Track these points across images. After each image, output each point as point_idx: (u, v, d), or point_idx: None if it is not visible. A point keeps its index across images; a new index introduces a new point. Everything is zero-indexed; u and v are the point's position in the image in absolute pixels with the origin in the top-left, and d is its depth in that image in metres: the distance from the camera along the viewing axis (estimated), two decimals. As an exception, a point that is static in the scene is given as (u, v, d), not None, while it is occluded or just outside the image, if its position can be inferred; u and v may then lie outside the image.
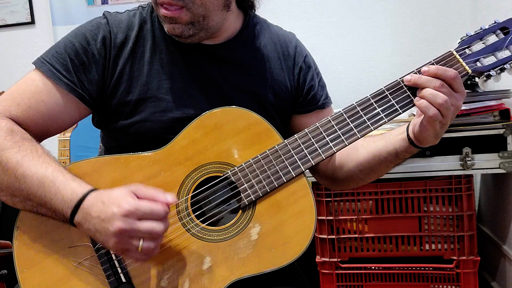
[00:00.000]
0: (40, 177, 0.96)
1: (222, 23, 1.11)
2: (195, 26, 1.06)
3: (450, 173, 1.84)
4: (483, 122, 1.81)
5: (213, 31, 1.10)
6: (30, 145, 1.00)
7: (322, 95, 1.24)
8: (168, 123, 1.09)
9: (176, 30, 1.06)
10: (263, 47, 1.19)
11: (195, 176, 1.03)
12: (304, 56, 1.22)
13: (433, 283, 1.92)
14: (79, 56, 1.07)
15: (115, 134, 1.15)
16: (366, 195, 1.93)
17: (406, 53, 2.44)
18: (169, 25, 1.06)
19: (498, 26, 1.03)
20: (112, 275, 0.99)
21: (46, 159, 0.98)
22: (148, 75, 1.10)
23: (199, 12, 1.04)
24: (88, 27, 1.10)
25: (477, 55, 1.01)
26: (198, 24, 1.06)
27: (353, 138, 1.02)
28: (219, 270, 1.00)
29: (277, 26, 1.27)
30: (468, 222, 1.85)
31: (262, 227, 1.01)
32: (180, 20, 1.04)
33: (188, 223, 1.01)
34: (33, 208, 0.98)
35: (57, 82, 1.05)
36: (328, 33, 2.51)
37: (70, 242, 1.00)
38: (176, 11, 1.03)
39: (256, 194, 1.01)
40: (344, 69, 2.51)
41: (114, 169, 1.03)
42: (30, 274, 1.00)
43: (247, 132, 1.04)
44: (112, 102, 1.10)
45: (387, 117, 1.01)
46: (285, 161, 1.02)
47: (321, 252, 1.98)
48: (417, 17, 2.44)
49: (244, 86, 1.15)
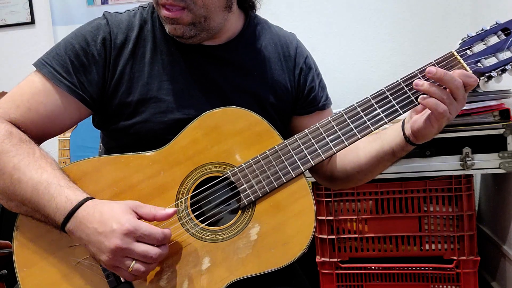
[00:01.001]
0: (35, 183, 0.95)
1: (223, 24, 1.11)
2: (197, 27, 1.06)
3: (450, 173, 1.84)
4: (483, 122, 1.81)
5: (215, 32, 1.10)
6: (28, 148, 1.00)
7: (322, 96, 1.24)
8: (169, 124, 1.09)
9: (178, 31, 1.06)
10: (264, 48, 1.19)
11: (195, 176, 1.03)
12: (305, 57, 1.22)
13: (433, 283, 1.92)
14: (79, 57, 1.07)
15: (115, 135, 1.15)
16: (366, 195, 1.93)
17: (406, 53, 2.44)
18: (170, 26, 1.06)
19: (499, 27, 1.02)
20: (111, 275, 0.98)
21: (42, 164, 0.98)
22: (149, 76, 1.10)
23: (200, 13, 1.04)
24: (88, 29, 1.10)
25: (478, 56, 1.01)
26: (200, 25, 1.06)
27: (353, 138, 1.02)
28: (218, 270, 0.99)
29: (278, 26, 1.27)
30: (468, 222, 1.85)
31: (261, 227, 1.01)
32: (181, 21, 1.04)
33: (188, 223, 1.01)
34: (28, 213, 0.99)
35: (58, 84, 1.05)
36: (328, 33, 2.51)
37: (69, 242, 0.99)
38: (178, 12, 1.03)
39: (255, 194, 1.01)
40: (344, 69, 2.51)
41: (115, 169, 1.03)
42: (30, 273, 1.00)
43: (247, 132, 1.04)
44: (113, 103, 1.10)
45: (387, 118, 1.01)
46: (285, 162, 1.02)
47: (321, 252, 1.98)
48: (417, 17, 2.44)
49: (245, 87, 1.15)
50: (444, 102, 0.95)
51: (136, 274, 0.91)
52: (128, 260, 0.90)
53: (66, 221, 0.94)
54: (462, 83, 0.95)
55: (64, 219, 0.93)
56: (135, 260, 0.91)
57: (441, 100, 0.95)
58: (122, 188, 1.02)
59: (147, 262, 0.92)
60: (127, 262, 0.90)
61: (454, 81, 0.95)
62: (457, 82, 0.95)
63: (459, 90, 0.95)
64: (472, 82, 0.96)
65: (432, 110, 0.96)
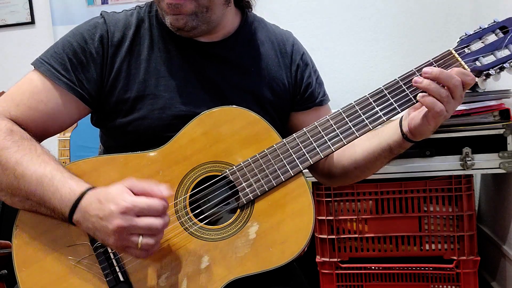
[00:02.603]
0: (39, 176, 0.96)
1: (221, 18, 1.11)
2: (198, 17, 1.06)
3: (450, 173, 1.84)
4: (483, 122, 1.81)
5: (214, 25, 1.10)
6: (30, 144, 1.00)
7: (320, 92, 1.24)
8: (167, 121, 1.09)
9: (180, 22, 1.05)
10: (261, 45, 1.19)
11: (194, 175, 1.03)
12: (301, 54, 1.23)
13: (433, 283, 1.91)
14: (77, 55, 1.08)
15: (114, 133, 1.15)
16: (366, 195, 1.93)
17: (406, 53, 2.44)
18: (172, 16, 1.05)
19: (497, 25, 1.02)
20: (110, 274, 0.98)
21: (45, 158, 0.99)
22: (146, 73, 1.10)
23: (203, 3, 1.04)
24: (85, 27, 1.11)
25: (476, 54, 1.01)
26: (202, 16, 1.06)
27: (351, 137, 1.02)
28: (217, 269, 0.99)
29: (274, 25, 1.27)
30: (468, 222, 1.85)
31: (260, 226, 1.01)
32: (184, 9, 1.04)
33: (186, 222, 1.01)
34: (32, 208, 0.99)
35: (56, 82, 1.06)
36: (328, 33, 2.51)
37: (68, 241, 0.99)
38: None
39: (254, 193, 1.01)
40: (344, 69, 2.51)
41: (113, 169, 1.03)
42: (29, 273, 1.00)
43: (246, 131, 1.04)
44: (111, 100, 1.11)
45: (385, 116, 1.01)
46: (284, 160, 1.02)
47: (321, 252, 1.97)
48: (417, 17, 2.44)
49: (242, 84, 1.15)
50: (442, 100, 0.95)
51: (146, 248, 0.91)
52: (134, 237, 0.90)
53: (72, 213, 0.94)
54: (461, 81, 0.95)
55: (70, 211, 0.94)
56: (141, 235, 0.90)
57: (439, 98, 0.95)
58: (121, 188, 1.02)
59: (154, 234, 0.91)
60: (134, 239, 0.90)
61: (452, 79, 0.95)
62: (455, 80, 0.95)
63: (457, 88, 0.95)
64: (469, 81, 0.96)
65: (429, 109, 0.96)
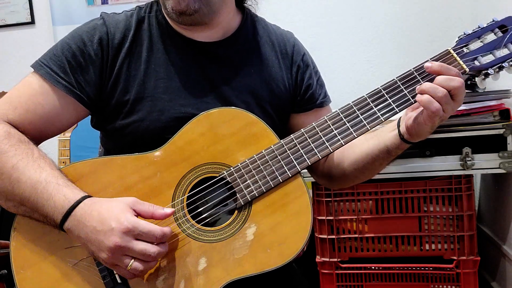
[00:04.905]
0: (34, 182, 0.96)
1: (221, 5, 1.10)
2: None
3: (450, 173, 1.84)
4: (483, 122, 1.80)
5: (213, 10, 1.09)
6: (27, 148, 1.00)
7: (320, 93, 1.23)
8: (165, 123, 1.09)
9: (182, 4, 1.04)
10: (261, 45, 1.19)
11: (192, 176, 1.03)
12: (302, 55, 1.22)
13: (433, 283, 1.91)
14: (76, 57, 1.07)
15: (113, 135, 1.15)
16: (366, 195, 1.93)
17: (406, 53, 2.43)
18: None
19: (496, 24, 1.02)
20: (108, 276, 0.98)
21: (41, 164, 0.98)
22: (145, 75, 1.10)
23: None
24: (84, 29, 1.10)
25: (475, 54, 1.01)
26: None
27: (349, 137, 1.02)
28: (214, 271, 0.99)
29: (275, 25, 1.26)
30: (468, 222, 1.85)
31: (258, 227, 1.00)
32: None
33: (184, 224, 1.01)
34: (26, 213, 0.99)
35: (55, 84, 1.05)
36: (328, 33, 2.50)
37: (66, 243, 0.99)
38: None
39: (252, 194, 1.01)
40: (344, 69, 2.50)
41: (111, 170, 1.03)
42: (27, 275, 1.00)
43: (244, 132, 1.04)
44: (110, 102, 1.10)
45: (383, 116, 1.01)
46: (281, 161, 1.02)
47: (321, 252, 1.97)
48: (417, 17, 2.43)
49: (242, 85, 1.14)
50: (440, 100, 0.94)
51: (134, 272, 0.92)
52: (127, 259, 0.91)
53: (64, 220, 0.94)
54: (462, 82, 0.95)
55: (63, 218, 0.94)
56: (133, 258, 0.91)
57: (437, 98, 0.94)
58: (119, 190, 1.02)
59: (146, 260, 0.92)
60: (126, 261, 0.91)
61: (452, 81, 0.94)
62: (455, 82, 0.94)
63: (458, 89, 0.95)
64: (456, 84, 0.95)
65: (425, 108, 0.95)
